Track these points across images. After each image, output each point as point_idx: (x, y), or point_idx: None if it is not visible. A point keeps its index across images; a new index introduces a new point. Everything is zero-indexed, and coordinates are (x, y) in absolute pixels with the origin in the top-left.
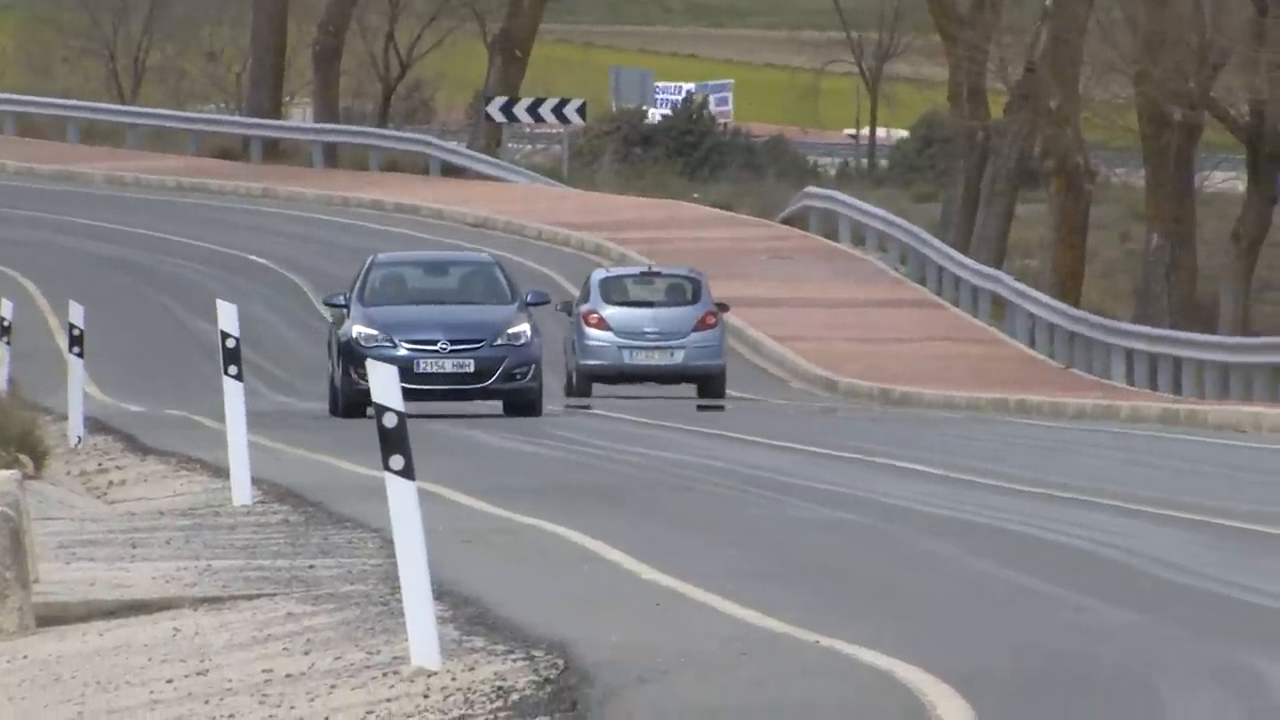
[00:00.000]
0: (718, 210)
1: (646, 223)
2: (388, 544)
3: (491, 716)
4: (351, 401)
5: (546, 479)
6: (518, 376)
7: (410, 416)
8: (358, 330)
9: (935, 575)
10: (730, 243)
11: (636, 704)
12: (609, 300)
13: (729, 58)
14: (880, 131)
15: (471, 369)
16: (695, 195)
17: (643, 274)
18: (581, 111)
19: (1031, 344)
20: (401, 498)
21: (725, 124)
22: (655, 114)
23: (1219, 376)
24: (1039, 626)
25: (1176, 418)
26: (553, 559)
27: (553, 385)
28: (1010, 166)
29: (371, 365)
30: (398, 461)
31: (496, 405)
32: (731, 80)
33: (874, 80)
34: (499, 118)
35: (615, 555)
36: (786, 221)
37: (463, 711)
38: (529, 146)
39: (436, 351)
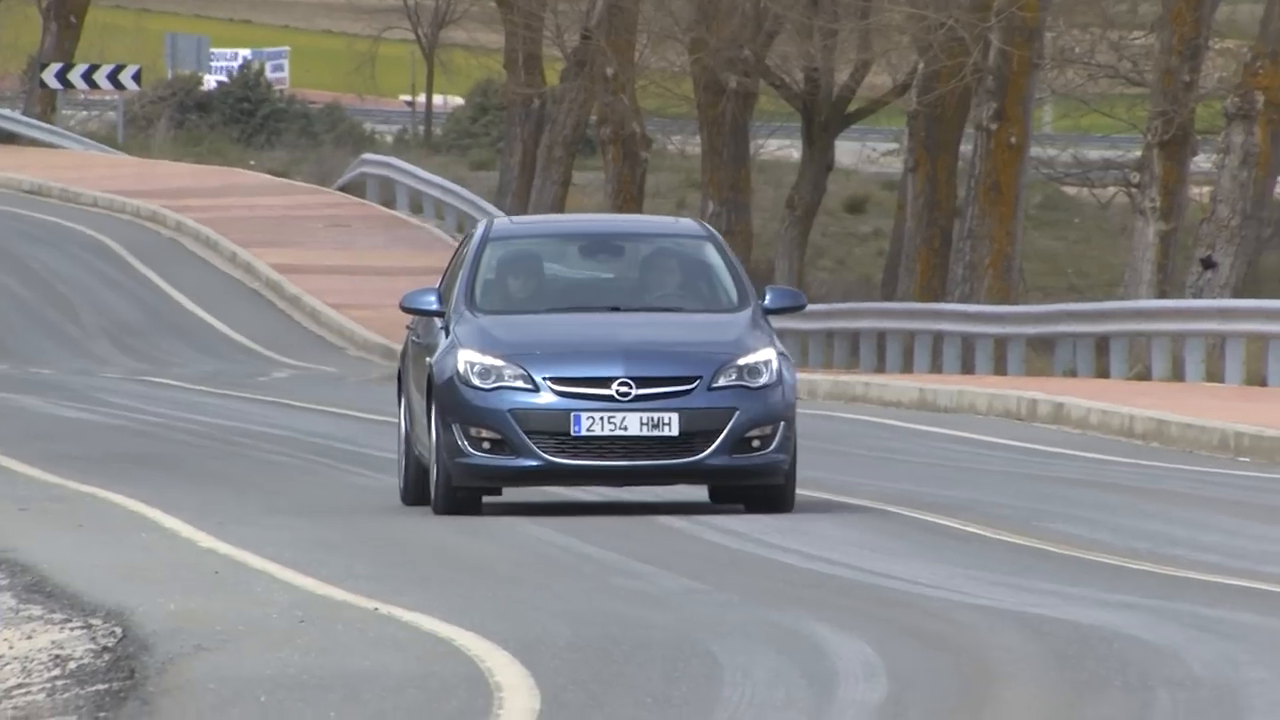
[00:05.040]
0: (274, 177)
1: (203, 190)
2: None
3: (49, 685)
4: (459, 487)
5: (103, 446)
6: (756, 445)
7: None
8: (467, 360)
9: (494, 543)
10: (286, 210)
11: (195, 672)
12: None
13: (285, 24)
14: (437, 99)
15: (674, 429)
16: (251, 162)
17: None
18: (137, 78)
19: None
20: None
21: (281, 91)
22: (211, 80)
23: None
24: (597, 593)
25: None
26: (110, 527)
27: None
28: (567, 134)
29: None
30: None
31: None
32: (288, 47)
33: (430, 47)
34: (53, 84)
35: (173, 523)
36: (344, 189)
37: (20, 680)
38: (84, 113)
39: (612, 398)
